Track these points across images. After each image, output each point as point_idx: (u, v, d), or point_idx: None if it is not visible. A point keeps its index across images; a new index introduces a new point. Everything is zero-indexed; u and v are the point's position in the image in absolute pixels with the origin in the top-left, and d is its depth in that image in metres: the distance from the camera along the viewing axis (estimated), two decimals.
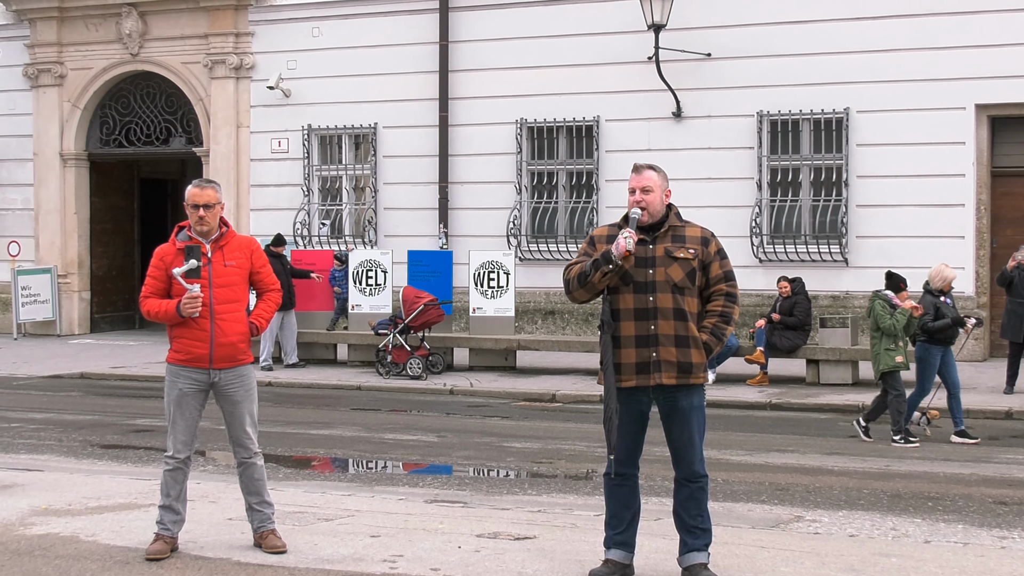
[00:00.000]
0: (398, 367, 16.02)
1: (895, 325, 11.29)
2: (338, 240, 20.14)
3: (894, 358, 11.36)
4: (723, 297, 6.16)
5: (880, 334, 11.42)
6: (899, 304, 11.40)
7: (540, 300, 19.02)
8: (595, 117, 18.73)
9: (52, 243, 22.26)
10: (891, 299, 11.47)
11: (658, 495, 8.48)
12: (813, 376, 15.17)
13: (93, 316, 22.73)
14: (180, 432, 6.82)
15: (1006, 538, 7.54)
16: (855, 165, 17.39)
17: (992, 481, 9.52)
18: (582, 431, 11.99)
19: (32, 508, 7.97)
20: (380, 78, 19.97)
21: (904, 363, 11.43)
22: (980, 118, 16.94)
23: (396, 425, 12.69)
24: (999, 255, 16.72)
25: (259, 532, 6.92)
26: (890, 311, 11.37)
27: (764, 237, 17.79)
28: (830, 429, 12.27)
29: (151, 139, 22.16)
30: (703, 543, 6.19)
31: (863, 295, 17.40)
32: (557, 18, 18.91)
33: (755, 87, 17.76)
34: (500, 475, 10.01)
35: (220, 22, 20.96)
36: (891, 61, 17.12)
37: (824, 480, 9.45)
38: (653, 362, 6.04)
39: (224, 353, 6.76)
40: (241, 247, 6.91)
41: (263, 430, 7.67)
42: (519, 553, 6.80)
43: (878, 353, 11.46)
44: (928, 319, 11.48)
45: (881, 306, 11.43)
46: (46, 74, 22.14)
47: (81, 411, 13.68)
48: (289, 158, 20.70)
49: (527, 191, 19.24)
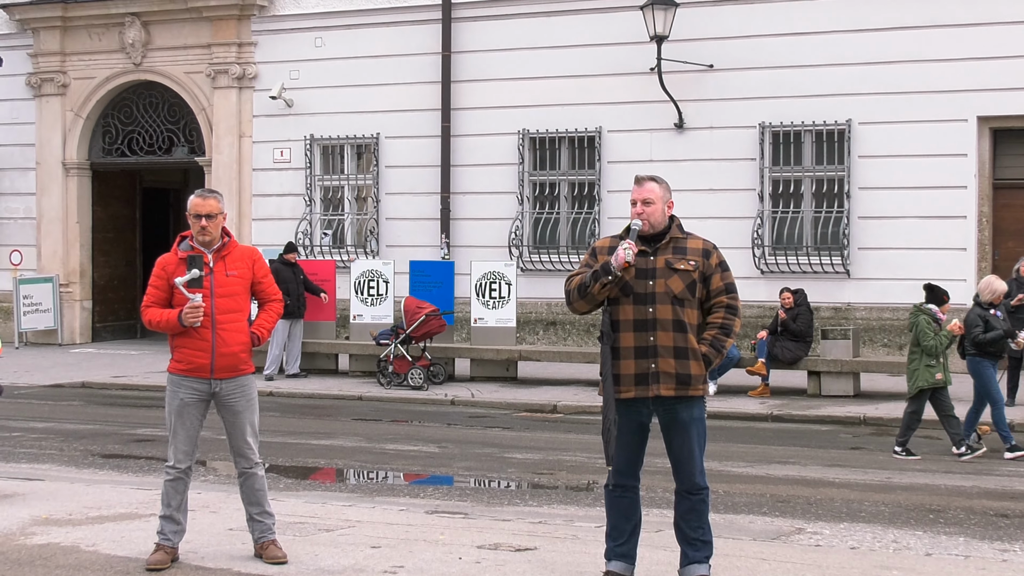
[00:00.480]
0: (399, 377, 16.02)
1: (937, 346, 10.98)
2: (340, 250, 20.15)
3: (934, 375, 11.05)
4: (724, 309, 6.16)
5: (920, 350, 11.10)
6: (942, 318, 11.17)
7: (542, 311, 19.02)
8: (597, 128, 18.74)
9: (54, 252, 22.28)
10: (935, 313, 11.17)
11: (659, 507, 8.47)
12: (814, 388, 15.16)
13: (95, 325, 22.73)
14: (181, 442, 6.82)
15: (1008, 551, 7.52)
16: (857, 177, 17.40)
17: (994, 494, 9.51)
18: (583, 442, 11.98)
19: (33, 518, 7.97)
20: (382, 88, 19.99)
21: (943, 380, 11.12)
22: (982, 130, 16.95)
23: (397, 435, 12.68)
24: (1001, 267, 16.71)
25: (260, 542, 6.91)
26: (935, 328, 11.07)
27: (765, 248, 17.79)
28: (831, 441, 12.26)
29: (153, 148, 22.19)
30: (704, 555, 6.18)
31: (865, 307, 17.42)
32: (559, 29, 18.93)
33: (757, 98, 17.77)
34: (501, 486, 10.00)
35: (223, 32, 21.00)
36: (893, 73, 17.14)
37: (825, 492, 9.44)
38: (652, 373, 6.04)
39: (225, 363, 6.76)
40: (243, 257, 6.92)
41: (264, 440, 7.67)
42: (520, 565, 6.79)
43: (917, 369, 11.11)
44: (979, 332, 11.22)
45: (926, 322, 11.09)
46: (49, 83, 22.18)
47: (82, 420, 13.68)
48: (291, 168, 20.72)
49: (529, 202, 19.25)
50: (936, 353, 11.04)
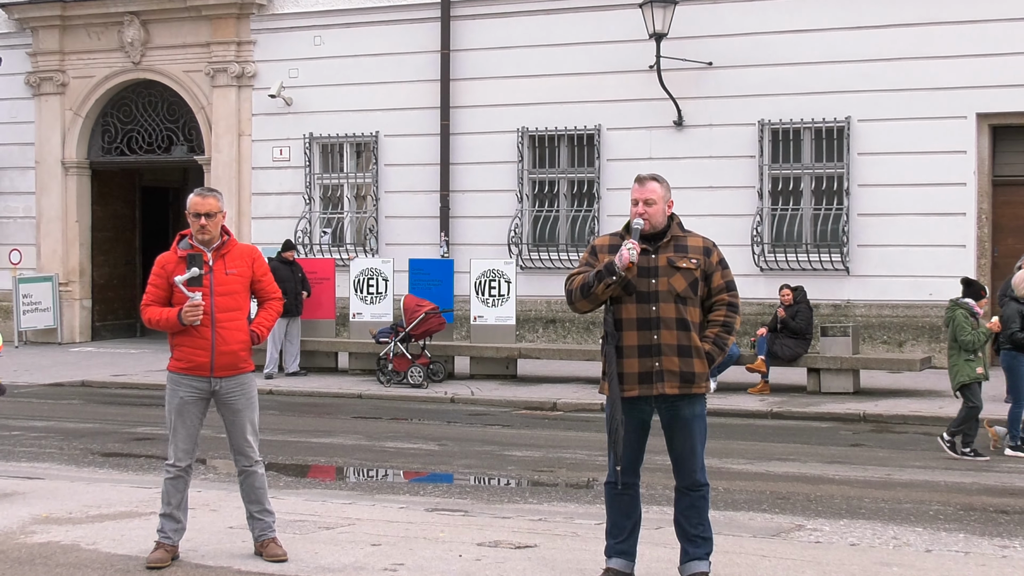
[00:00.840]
0: (399, 375, 16.02)
1: (975, 341, 10.83)
2: (339, 248, 20.15)
3: (975, 369, 10.88)
4: (725, 307, 6.17)
5: (958, 345, 10.94)
6: (980, 312, 11.03)
7: (541, 309, 19.02)
8: (596, 126, 18.74)
9: (53, 251, 22.28)
10: (972, 307, 11.01)
11: (659, 504, 8.47)
12: (814, 385, 15.16)
13: (94, 324, 22.73)
14: (181, 440, 6.82)
15: (1007, 547, 7.53)
16: (856, 174, 17.40)
17: (994, 490, 9.51)
18: (583, 440, 11.99)
19: (33, 516, 7.97)
20: (382, 87, 19.99)
21: (984, 374, 10.97)
22: (981, 127, 16.95)
23: (397, 433, 12.68)
24: (1000, 264, 16.72)
25: (260, 540, 6.91)
26: (972, 323, 10.91)
27: (765, 246, 17.79)
28: (831, 438, 12.26)
29: (153, 147, 22.19)
30: (704, 552, 6.19)
31: (864, 304, 17.42)
32: (559, 27, 18.93)
33: (756, 96, 17.77)
34: (501, 484, 10.01)
35: (222, 31, 20.99)
36: (892, 70, 17.14)
37: (825, 489, 9.44)
38: (656, 372, 6.04)
39: (225, 361, 6.77)
40: (243, 255, 6.92)
41: (264, 438, 7.67)
42: (520, 562, 6.80)
43: (956, 365, 10.93)
44: (1016, 328, 11.06)
45: (964, 316, 10.92)
46: (48, 82, 22.17)
47: (82, 419, 13.68)
48: (290, 166, 20.71)
49: (528, 200, 19.25)
50: (974, 348, 10.88)
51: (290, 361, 17.17)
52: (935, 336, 16.94)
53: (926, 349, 16.83)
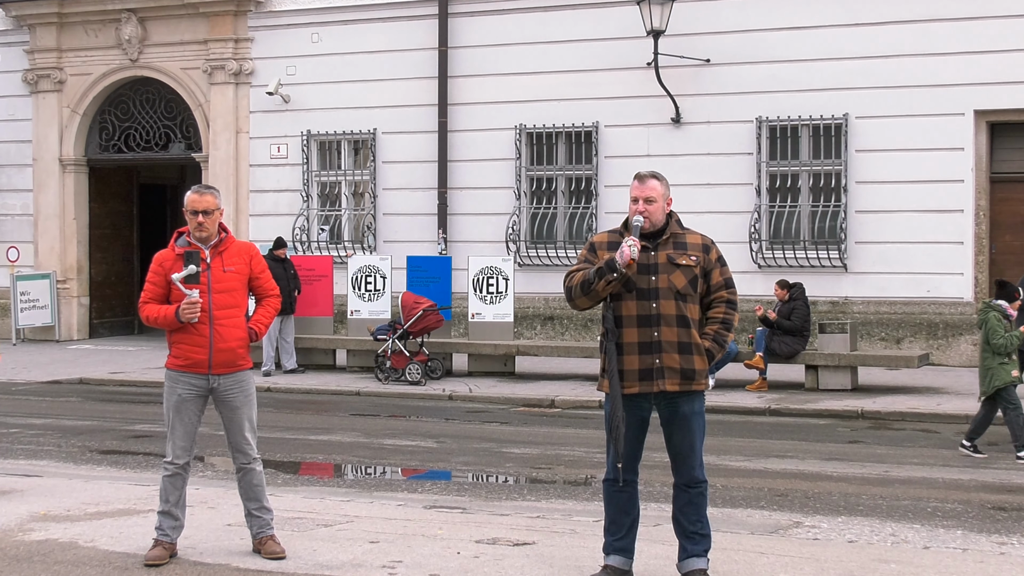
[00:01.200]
0: (397, 373, 16.02)
1: (1007, 345, 10.70)
2: (337, 246, 20.15)
3: (1010, 372, 10.75)
4: (724, 304, 6.18)
5: (991, 348, 10.79)
6: (1013, 315, 10.91)
7: (539, 305, 19.02)
8: (594, 123, 18.74)
9: (51, 248, 22.26)
10: (1005, 309, 10.90)
11: (657, 501, 8.48)
12: (812, 382, 15.16)
13: (92, 322, 22.72)
14: (179, 438, 6.82)
15: (1005, 544, 7.53)
16: (854, 171, 17.40)
17: (991, 487, 9.52)
18: (581, 437, 11.99)
19: (31, 514, 7.97)
20: (379, 84, 19.98)
21: (1020, 377, 10.89)
22: (979, 124, 16.95)
23: (395, 431, 12.68)
24: (998, 261, 16.74)
25: (258, 538, 6.92)
26: (1005, 325, 10.80)
27: (763, 243, 17.79)
28: (829, 435, 12.27)
29: (150, 145, 22.17)
30: (702, 549, 6.20)
31: (862, 301, 17.43)
32: (556, 24, 18.92)
33: (754, 93, 17.77)
34: (499, 481, 10.01)
35: (219, 28, 20.97)
36: (890, 67, 17.14)
37: (823, 486, 9.44)
38: (656, 369, 6.04)
39: (223, 359, 6.77)
40: (240, 253, 6.92)
41: (262, 436, 7.67)
42: (518, 559, 6.80)
43: (990, 367, 10.78)
44: None
45: (996, 319, 10.79)
46: (45, 80, 22.15)
47: (80, 417, 13.68)
48: (288, 164, 20.70)
49: (526, 197, 19.24)
50: (1007, 352, 10.76)
51: (286, 359, 17.17)
52: (933, 333, 16.97)
53: (924, 346, 16.84)
